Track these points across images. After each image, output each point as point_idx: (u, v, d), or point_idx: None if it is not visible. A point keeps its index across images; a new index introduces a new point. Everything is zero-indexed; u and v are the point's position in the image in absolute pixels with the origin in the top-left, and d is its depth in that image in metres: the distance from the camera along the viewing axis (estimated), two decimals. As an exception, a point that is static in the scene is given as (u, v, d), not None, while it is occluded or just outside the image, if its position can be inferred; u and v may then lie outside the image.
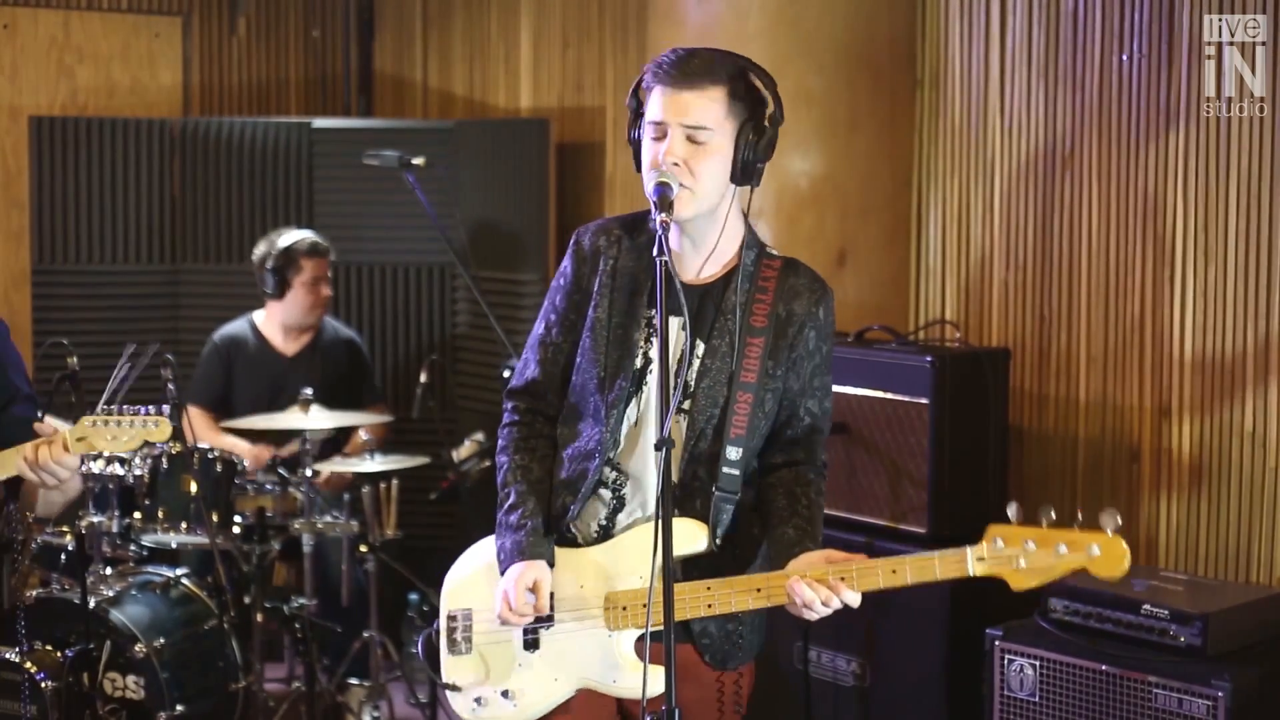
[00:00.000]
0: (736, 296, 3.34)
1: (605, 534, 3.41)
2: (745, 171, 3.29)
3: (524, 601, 3.30)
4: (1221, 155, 5.02)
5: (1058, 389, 5.52)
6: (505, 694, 3.41)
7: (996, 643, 4.60)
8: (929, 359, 5.01)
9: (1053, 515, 3.09)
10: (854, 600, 3.17)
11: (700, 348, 3.34)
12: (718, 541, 3.35)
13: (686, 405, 3.33)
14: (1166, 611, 4.35)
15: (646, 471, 3.37)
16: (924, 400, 5.01)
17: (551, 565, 3.38)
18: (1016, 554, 3.12)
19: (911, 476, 5.06)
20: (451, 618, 3.49)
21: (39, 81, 7.59)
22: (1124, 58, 5.26)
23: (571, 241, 3.47)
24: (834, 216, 5.70)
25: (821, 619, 3.23)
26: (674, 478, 3.33)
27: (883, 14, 5.76)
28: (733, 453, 3.34)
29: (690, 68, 3.23)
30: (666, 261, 3.07)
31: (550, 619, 3.37)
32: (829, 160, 5.66)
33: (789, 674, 5.22)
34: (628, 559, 3.34)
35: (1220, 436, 5.07)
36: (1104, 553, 3.05)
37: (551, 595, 3.37)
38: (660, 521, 3.03)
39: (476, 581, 3.49)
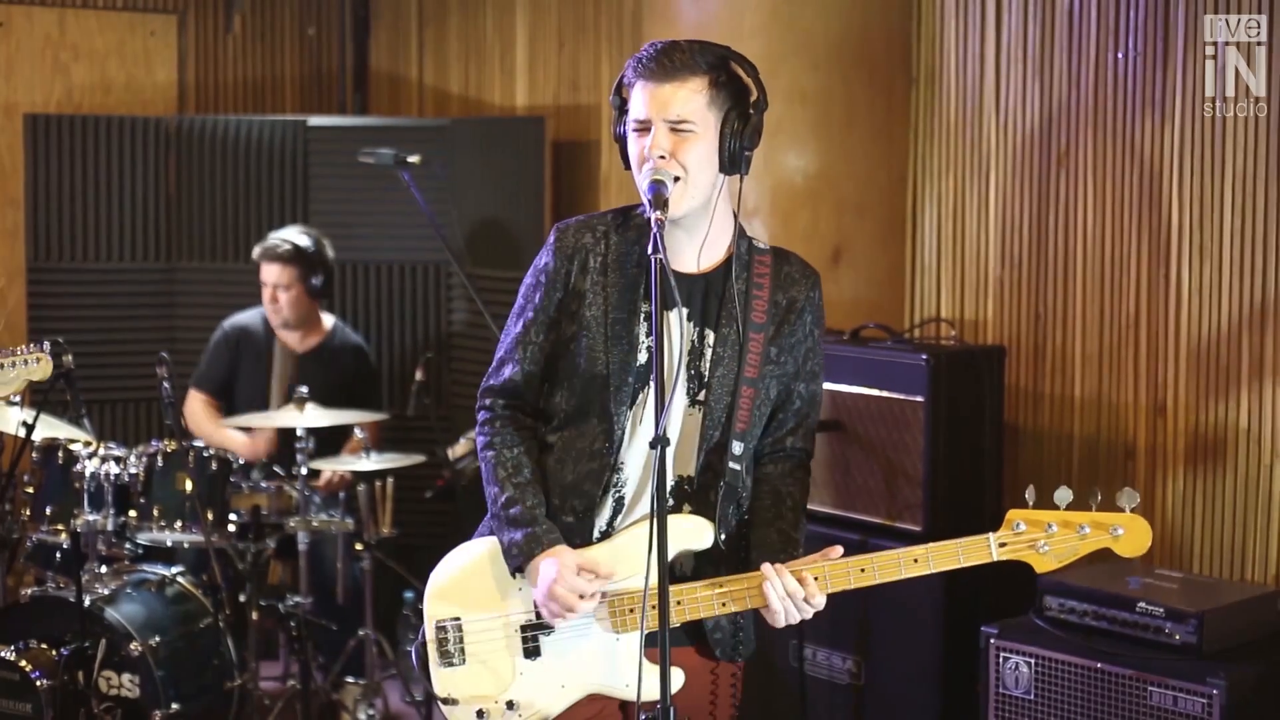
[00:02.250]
0: (737, 285, 3.34)
1: (607, 538, 3.36)
2: (733, 160, 3.28)
3: (581, 584, 3.21)
4: (1217, 152, 5.02)
5: (1053, 387, 5.52)
6: (510, 705, 3.32)
7: (992, 640, 4.60)
8: (924, 357, 5.01)
9: (1070, 496, 3.18)
10: (820, 602, 3.22)
11: (710, 337, 3.33)
12: (723, 538, 3.36)
13: (701, 396, 3.33)
14: (1162, 609, 4.35)
15: (644, 471, 3.34)
16: (919, 398, 5.01)
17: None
18: (1038, 537, 3.21)
19: (907, 474, 5.06)
20: (440, 628, 3.38)
21: (34, 79, 7.59)
22: (1119, 55, 5.26)
23: (552, 238, 3.42)
24: (829, 214, 5.70)
25: (818, 617, 3.25)
26: (690, 472, 3.34)
27: (878, 11, 5.76)
28: (736, 447, 3.34)
29: (669, 61, 3.23)
30: (662, 259, 3.04)
31: (550, 625, 3.33)
32: (824, 157, 5.67)
33: (784, 672, 5.22)
34: (628, 559, 3.27)
35: (1215, 434, 5.08)
36: (1128, 532, 3.18)
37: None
38: (655, 522, 3.01)
39: (461, 587, 3.40)
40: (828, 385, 5.18)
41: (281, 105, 8.18)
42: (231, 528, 5.70)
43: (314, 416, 5.85)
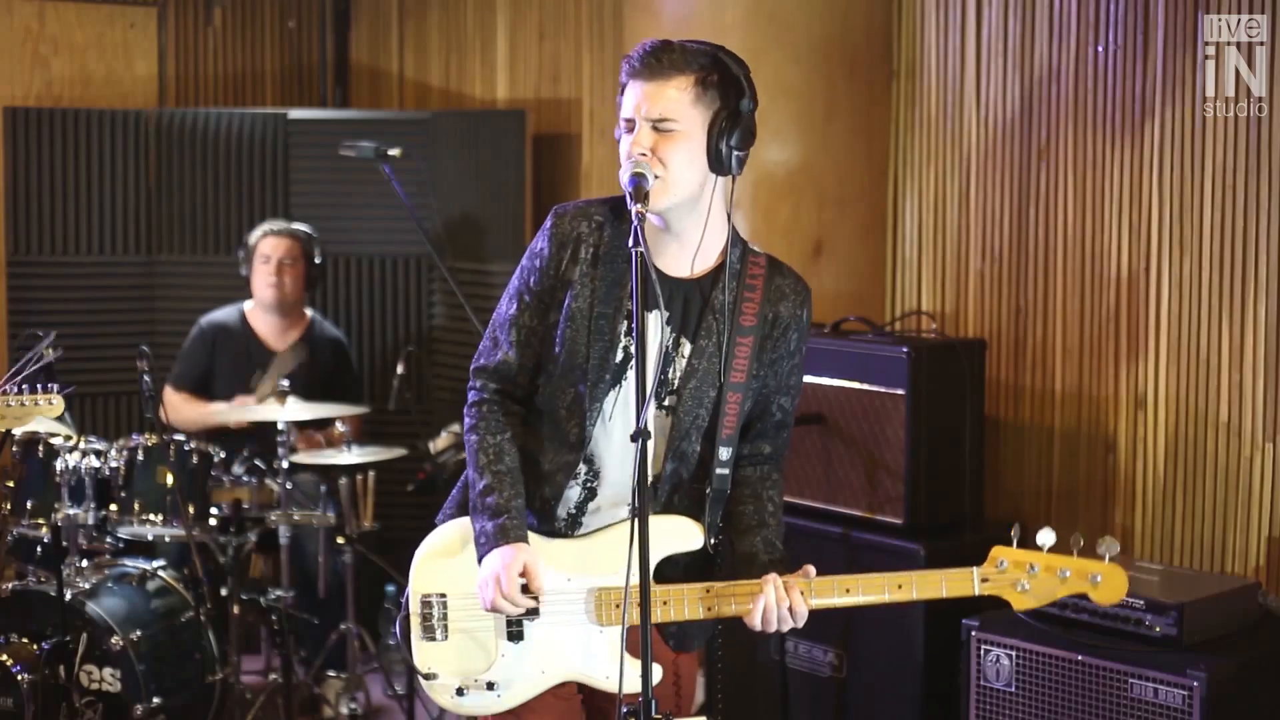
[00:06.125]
0: (725, 295, 3.34)
1: (574, 522, 3.42)
2: (717, 159, 3.27)
3: (516, 587, 3.26)
4: (1197, 147, 5.03)
5: (1034, 380, 5.53)
6: (490, 686, 3.37)
7: (973, 633, 4.61)
8: (905, 350, 5.02)
9: (1053, 539, 3.23)
10: (804, 617, 3.31)
11: (686, 347, 3.34)
12: (713, 541, 3.40)
13: (669, 402, 3.34)
14: (1142, 602, 4.36)
15: (618, 466, 3.37)
16: (900, 391, 5.01)
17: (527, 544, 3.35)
18: (1020, 577, 3.28)
19: (888, 467, 5.06)
20: (426, 602, 3.41)
21: (14, 72, 7.56)
22: (1099, 49, 5.27)
23: (550, 221, 3.40)
24: (810, 207, 5.71)
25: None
26: (653, 471, 3.34)
27: (859, 5, 5.76)
28: (724, 453, 3.37)
29: (657, 60, 3.24)
30: (643, 253, 3.05)
31: (537, 611, 3.35)
32: (806, 151, 5.67)
33: (766, 664, 5.22)
34: (617, 554, 3.27)
35: (1195, 427, 5.09)
36: (1105, 580, 3.24)
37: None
38: (636, 511, 3.03)
39: (449, 563, 3.43)
40: (809, 378, 5.19)
41: (262, 98, 8.16)
42: (213, 521, 5.69)
43: (295, 410, 5.84)
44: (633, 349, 3.31)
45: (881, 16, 5.86)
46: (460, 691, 3.38)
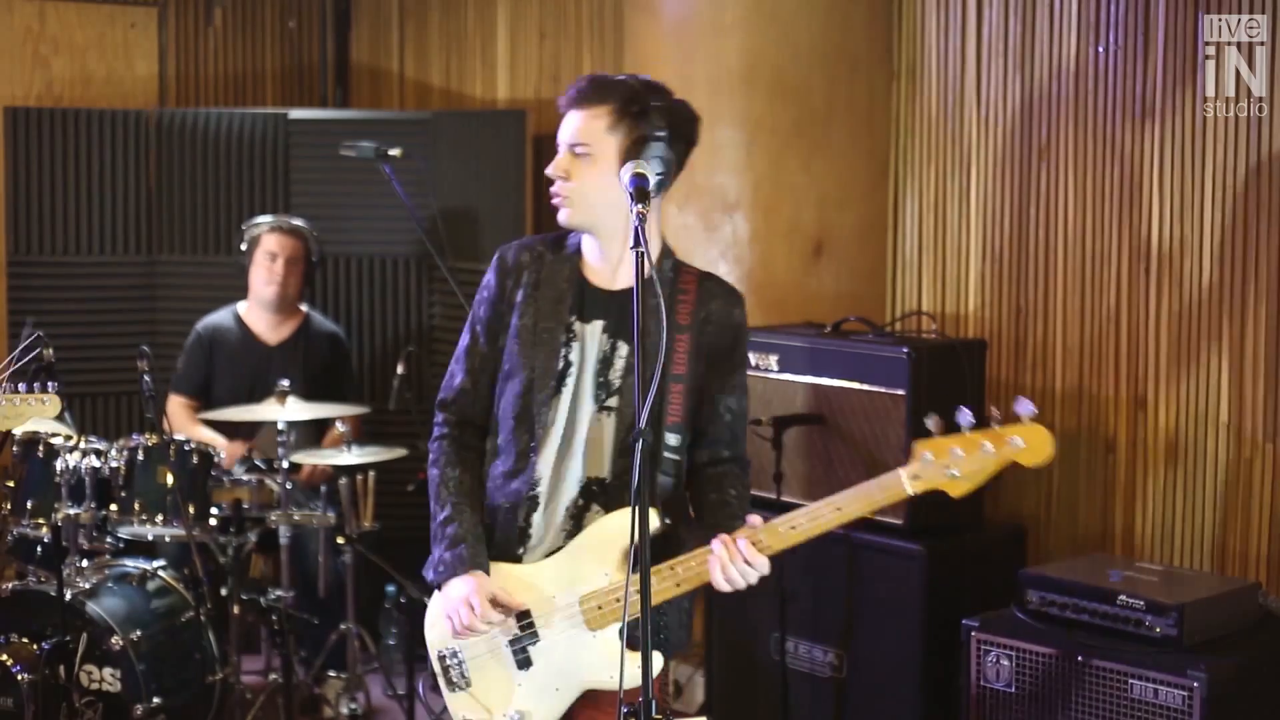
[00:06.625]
0: (656, 300, 3.41)
1: (524, 534, 3.52)
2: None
3: (489, 608, 3.41)
4: (1197, 147, 5.03)
5: (1034, 380, 5.53)
6: (520, 715, 3.49)
7: (973, 633, 4.61)
8: (906, 350, 5.01)
9: (971, 418, 3.22)
10: (763, 565, 3.34)
11: (623, 349, 3.49)
12: (666, 520, 3.48)
13: (613, 403, 3.48)
14: (1142, 602, 4.36)
15: (551, 469, 3.50)
16: (900, 391, 5.01)
17: (488, 574, 3.48)
18: (946, 463, 3.26)
19: (888, 468, 5.03)
20: (442, 658, 3.56)
21: (14, 72, 7.56)
22: (1100, 49, 5.27)
23: (495, 259, 3.62)
24: (811, 207, 5.71)
25: (800, 610, 3.29)
26: (601, 474, 3.49)
27: (859, 5, 5.76)
28: (672, 439, 3.48)
29: (579, 91, 3.47)
30: (642, 252, 3.10)
31: (534, 635, 3.47)
32: (806, 151, 5.67)
33: (766, 665, 5.22)
34: (589, 561, 3.44)
35: (1195, 427, 5.09)
36: (1028, 442, 3.22)
37: (530, 612, 3.47)
38: (637, 514, 3.06)
39: None
40: (810, 378, 5.20)
41: (262, 98, 8.16)
42: (213, 521, 5.68)
43: (295, 410, 5.84)
44: (573, 358, 3.50)
45: (882, 16, 5.86)
46: None
